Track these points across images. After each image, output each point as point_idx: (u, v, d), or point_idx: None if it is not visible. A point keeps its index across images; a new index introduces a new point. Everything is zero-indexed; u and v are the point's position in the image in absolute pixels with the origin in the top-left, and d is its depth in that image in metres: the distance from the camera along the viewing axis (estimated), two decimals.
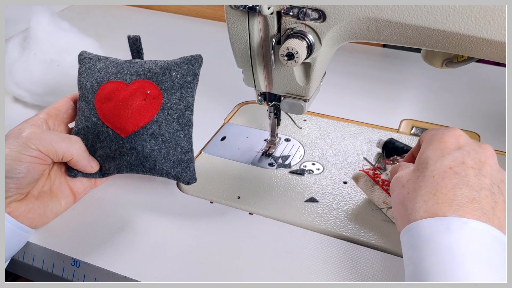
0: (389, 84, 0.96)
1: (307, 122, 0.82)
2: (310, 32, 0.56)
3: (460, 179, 0.46)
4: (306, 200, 0.66)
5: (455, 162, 0.47)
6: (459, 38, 0.51)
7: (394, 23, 0.52)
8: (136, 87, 0.59)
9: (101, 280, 0.57)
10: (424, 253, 0.44)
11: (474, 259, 0.42)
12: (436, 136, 0.51)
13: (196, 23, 1.20)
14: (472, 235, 0.43)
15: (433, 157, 0.49)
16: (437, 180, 0.46)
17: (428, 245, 0.44)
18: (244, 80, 0.65)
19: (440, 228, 0.44)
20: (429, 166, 0.48)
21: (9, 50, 0.86)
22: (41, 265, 0.60)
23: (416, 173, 0.49)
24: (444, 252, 0.43)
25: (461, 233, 0.43)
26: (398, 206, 0.49)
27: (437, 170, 0.47)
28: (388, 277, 0.56)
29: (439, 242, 0.43)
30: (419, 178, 0.48)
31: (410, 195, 0.48)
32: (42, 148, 0.55)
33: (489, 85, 0.95)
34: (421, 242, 0.44)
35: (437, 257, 0.43)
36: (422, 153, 0.51)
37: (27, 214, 0.57)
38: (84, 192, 0.65)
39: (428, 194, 0.46)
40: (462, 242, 0.42)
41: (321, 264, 0.57)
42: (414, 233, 0.45)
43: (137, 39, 0.62)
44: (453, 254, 0.42)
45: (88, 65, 0.63)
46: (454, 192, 0.45)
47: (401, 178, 0.51)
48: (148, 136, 0.58)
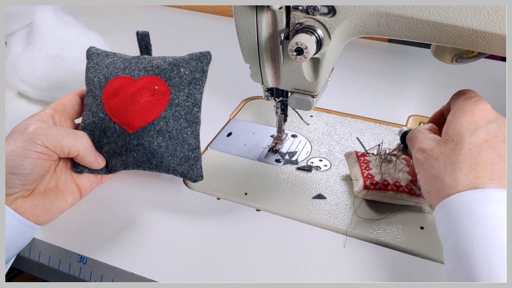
0: (396, 80, 0.95)
1: (313, 118, 0.81)
2: (319, 27, 0.55)
3: (496, 154, 0.47)
4: (314, 196, 0.66)
5: (489, 136, 0.48)
6: (471, 33, 0.50)
7: (405, 18, 0.51)
8: (144, 83, 0.58)
9: (108, 277, 0.57)
10: (466, 225, 0.43)
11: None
12: (467, 106, 0.51)
13: (203, 18, 1.20)
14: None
15: (468, 129, 0.48)
16: (475, 154, 0.47)
17: (471, 217, 0.43)
18: (251, 75, 0.65)
19: (481, 199, 0.44)
20: (465, 139, 0.48)
21: (13, 45, 0.86)
22: (47, 261, 0.60)
23: (450, 144, 0.49)
24: (487, 222, 0.43)
25: (501, 203, 0.44)
26: (432, 179, 0.48)
27: (474, 143, 0.47)
28: (397, 276, 0.56)
29: (481, 213, 0.43)
30: (455, 151, 0.48)
31: (448, 168, 0.47)
32: (48, 144, 0.55)
33: (498, 81, 0.94)
34: (463, 214, 0.44)
35: (480, 228, 0.43)
36: (454, 124, 0.50)
37: (33, 211, 0.57)
38: (90, 189, 0.64)
39: (468, 168, 0.46)
40: (503, 212, 0.43)
41: (330, 262, 0.57)
42: (456, 205, 0.45)
43: (146, 35, 0.62)
44: (496, 223, 0.43)
45: (96, 61, 0.62)
46: (492, 167, 0.46)
47: (431, 151, 0.50)
48: (155, 133, 0.58)
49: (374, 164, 0.66)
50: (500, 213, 0.43)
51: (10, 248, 0.55)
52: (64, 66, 0.81)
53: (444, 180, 0.47)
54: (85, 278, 0.58)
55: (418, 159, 0.51)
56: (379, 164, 0.66)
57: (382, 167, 0.65)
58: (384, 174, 0.64)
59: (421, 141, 0.53)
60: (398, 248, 0.59)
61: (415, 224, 0.62)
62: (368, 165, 0.66)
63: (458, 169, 0.46)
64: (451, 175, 0.47)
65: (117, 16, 1.20)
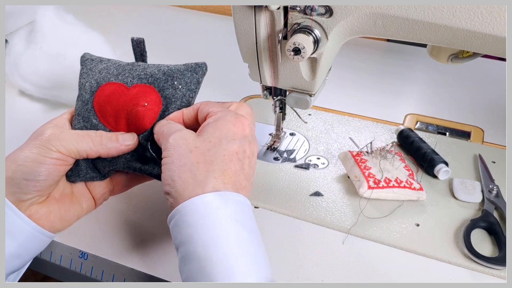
0: (394, 79, 0.96)
1: (312, 116, 0.82)
2: (316, 27, 0.56)
3: (240, 166, 0.51)
4: (311, 194, 0.67)
5: (240, 149, 0.51)
6: (466, 34, 0.51)
7: (401, 19, 0.52)
8: (137, 92, 0.57)
9: (109, 273, 0.58)
10: (202, 229, 0.46)
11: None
12: (230, 117, 0.53)
13: (203, 17, 1.20)
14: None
15: (227, 137, 0.51)
16: (226, 161, 0.50)
17: (207, 220, 0.46)
18: (249, 74, 0.65)
19: (220, 202, 0.47)
20: (222, 145, 0.50)
21: (14, 43, 0.86)
22: (49, 257, 0.61)
23: (206, 143, 0.50)
24: (223, 223, 0.47)
25: (236, 203, 0.49)
26: (184, 169, 0.49)
27: (228, 151, 0.50)
28: (393, 272, 0.57)
29: (217, 215, 0.46)
30: (211, 152, 0.50)
31: (201, 165, 0.49)
32: (62, 149, 0.54)
33: (494, 80, 0.95)
34: (199, 218, 0.47)
35: (216, 230, 0.46)
36: (215, 127, 0.52)
37: (48, 217, 0.56)
38: (103, 198, 0.62)
39: (218, 171, 0.49)
40: (237, 212, 0.48)
41: (326, 258, 0.58)
42: (191, 210, 0.47)
43: (141, 42, 0.61)
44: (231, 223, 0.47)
45: (89, 67, 0.61)
46: (236, 177, 0.50)
47: (187, 140, 0.51)
48: (147, 142, 0.57)
49: (372, 163, 0.67)
50: (235, 214, 0.47)
51: (23, 255, 0.54)
52: (65, 64, 0.82)
53: (196, 175, 0.48)
54: (86, 273, 0.59)
55: (172, 145, 0.51)
56: (377, 162, 0.67)
57: (380, 164, 0.66)
58: (384, 171, 0.65)
59: (180, 129, 0.53)
60: (393, 245, 0.60)
61: (411, 221, 0.63)
62: (366, 165, 0.67)
63: (211, 170, 0.49)
64: (204, 173, 0.48)
65: (118, 15, 1.21)
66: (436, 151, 0.71)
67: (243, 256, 0.45)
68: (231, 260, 0.45)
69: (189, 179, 0.48)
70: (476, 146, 0.77)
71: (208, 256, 0.45)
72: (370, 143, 0.70)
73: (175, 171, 0.49)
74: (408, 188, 0.64)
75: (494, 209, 0.64)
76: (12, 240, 0.53)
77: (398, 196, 0.64)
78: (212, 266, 0.44)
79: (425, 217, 0.63)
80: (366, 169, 0.66)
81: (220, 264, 0.44)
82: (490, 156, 0.73)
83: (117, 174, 0.62)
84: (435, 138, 0.78)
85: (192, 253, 0.46)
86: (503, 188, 0.66)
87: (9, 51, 0.86)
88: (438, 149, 0.72)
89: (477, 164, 0.72)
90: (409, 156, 0.73)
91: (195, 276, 0.45)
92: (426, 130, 0.81)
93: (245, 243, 0.46)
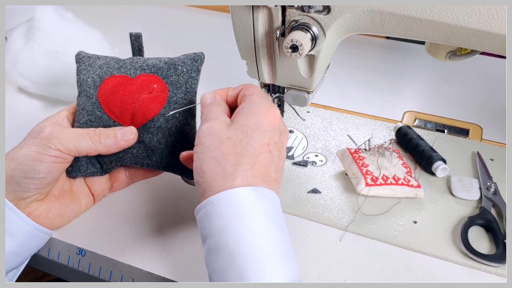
0: (392, 76, 0.96)
1: (310, 113, 0.82)
2: (314, 24, 0.56)
3: (270, 159, 0.50)
4: (309, 191, 0.67)
5: (271, 141, 0.50)
6: (463, 31, 0.51)
7: (399, 16, 0.52)
8: (142, 81, 0.59)
9: (106, 269, 0.58)
10: (235, 222, 0.46)
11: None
12: (265, 104, 0.52)
13: (201, 14, 1.20)
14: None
15: (259, 128, 0.50)
16: (256, 154, 0.49)
17: (240, 214, 0.46)
18: (248, 71, 0.65)
19: (254, 197, 0.47)
20: (253, 136, 0.50)
21: (13, 40, 0.86)
22: (47, 254, 0.61)
23: (238, 133, 0.50)
24: (255, 220, 0.46)
25: (270, 200, 0.48)
26: (214, 161, 0.49)
27: (259, 143, 0.49)
28: (390, 269, 0.57)
29: (251, 210, 0.46)
30: (242, 143, 0.49)
31: (231, 157, 0.48)
32: (61, 147, 0.54)
33: (492, 77, 0.95)
34: (232, 210, 0.46)
35: (248, 225, 0.46)
36: (247, 116, 0.51)
37: (47, 214, 0.56)
38: (102, 194, 0.63)
39: (248, 164, 0.48)
40: (271, 208, 0.48)
41: (323, 255, 0.58)
42: (226, 202, 0.47)
43: (139, 36, 0.62)
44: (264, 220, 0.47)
45: (88, 63, 0.62)
46: (266, 170, 0.49)
47: (219, 131, 0.50)
48: (155, 129, 0.58)
49: (369, 160, 0.67)
50: (269, 210, 0.47)
51: (22, 253, 0.55)
52: (64, 61, 0.82)
53: (226, 168, 0.48)
54: (84, 270, 0.59)
55: (204, 133, 0.51)
56: (375, 160, 0.67)
57: (378, 161, 0.66)
58: (382, 168, 0.65)
59: (215, 118, 0.52)
60: (391, 242, 0.60)
61: (408, 218, 0.63)
62: (364, 162, 0.67)
63: (241, 163, 0.48)
64: (233, 166, 0.48)
65: (117, 13, 1.21)
66: (434, 148, 0.71)
67: (274, 253, 0.45)
68: (263, 255, 0.44)
69: (219, 171, 0.48)
70: (474, 143, 0.77)
71: (240, 249, 0.44)
72: (368, 140, 0.70)
73: (205, 161, 0.49)
74: (406, 185, 0.64)
75: (492, 206, 0.64)
76: (11, 239, 0.53)
77: (396, 194, 0.65)
78: (243, 260, 0.44)
79: (423, 215, 0.64)
80: (364, 166, 0.66)
81: (252, 258, 0.44)
82: (488, 153, 0.73)
83: (117, 171, 0.63)
84: (434, 135, 0.78)
85: (223, 245, 0.45)
86: (501, 186, 0.66)
87: (8, 48, 0.86)
88: (436, 147, 0.72)
89: (475, 162, 0.72)
90: (407, 154, 0.73)
91: (224, 268, 0.44)
92: (424, 127, 0.81)
93: (276, 240, 0.46)
